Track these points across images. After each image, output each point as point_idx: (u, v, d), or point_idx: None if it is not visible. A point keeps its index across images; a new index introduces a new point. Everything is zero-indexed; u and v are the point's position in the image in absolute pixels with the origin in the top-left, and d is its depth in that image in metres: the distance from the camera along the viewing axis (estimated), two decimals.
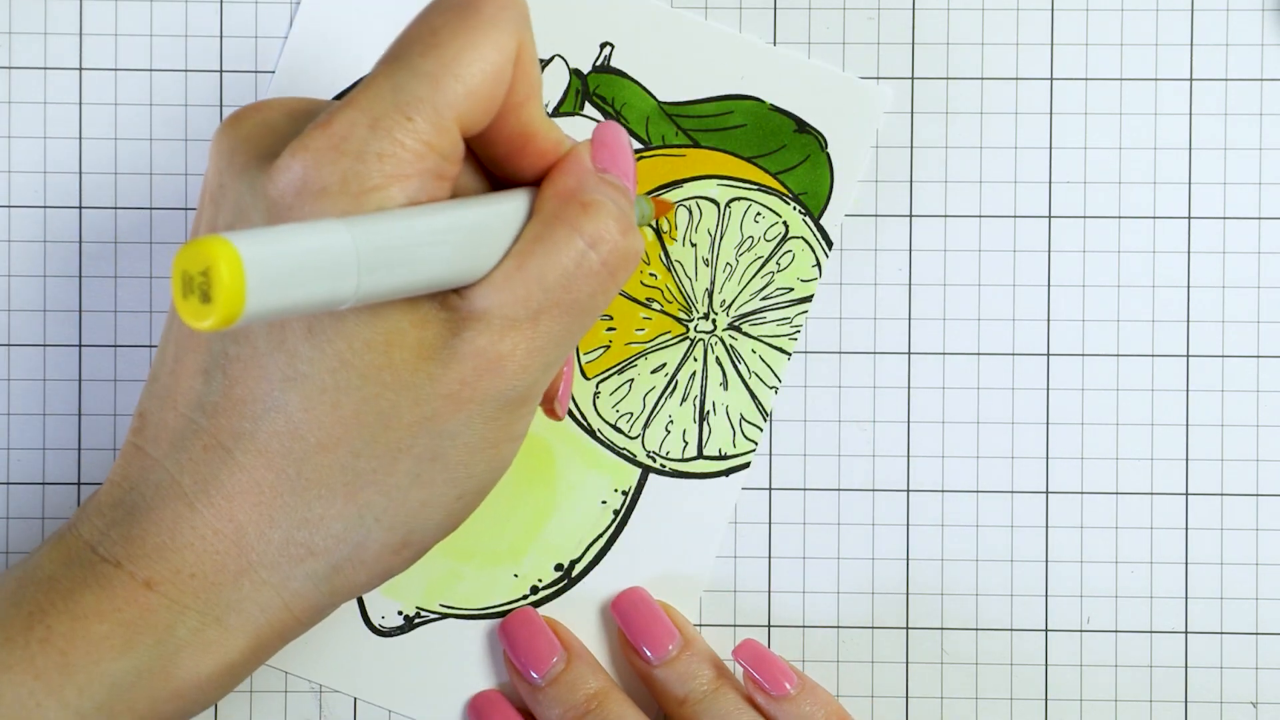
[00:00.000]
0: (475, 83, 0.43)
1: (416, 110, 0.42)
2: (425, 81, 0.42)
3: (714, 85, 0.55)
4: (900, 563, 0.55)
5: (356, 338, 0.42)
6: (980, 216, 0.55)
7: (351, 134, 0.41)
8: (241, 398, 0.43)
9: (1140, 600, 0.55)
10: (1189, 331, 0.55)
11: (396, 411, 0.43)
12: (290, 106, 0.45)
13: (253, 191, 0.42)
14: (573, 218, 0.44)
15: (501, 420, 0.44)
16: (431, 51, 0.43)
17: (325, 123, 0.42)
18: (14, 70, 0.55)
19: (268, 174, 0.42)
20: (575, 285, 0.44)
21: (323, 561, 0.44)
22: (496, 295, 0.43)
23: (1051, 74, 0.55)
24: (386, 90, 0.42)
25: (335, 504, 0.43)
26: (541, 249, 0.43)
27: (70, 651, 0.43)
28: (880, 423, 0.55)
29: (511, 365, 0.43)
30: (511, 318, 0.43)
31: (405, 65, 0.42)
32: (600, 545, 0.55)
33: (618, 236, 0.44)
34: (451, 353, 0.43)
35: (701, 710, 0.52)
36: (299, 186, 0.41)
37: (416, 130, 0.42)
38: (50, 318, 0.55)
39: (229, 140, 0.44)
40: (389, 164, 0.41)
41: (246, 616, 0.44)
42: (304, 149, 0.41)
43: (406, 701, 0.54)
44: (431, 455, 0.43)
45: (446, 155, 0.42)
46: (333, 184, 0.41)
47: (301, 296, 0.36)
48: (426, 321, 0.42)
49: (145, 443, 0.45)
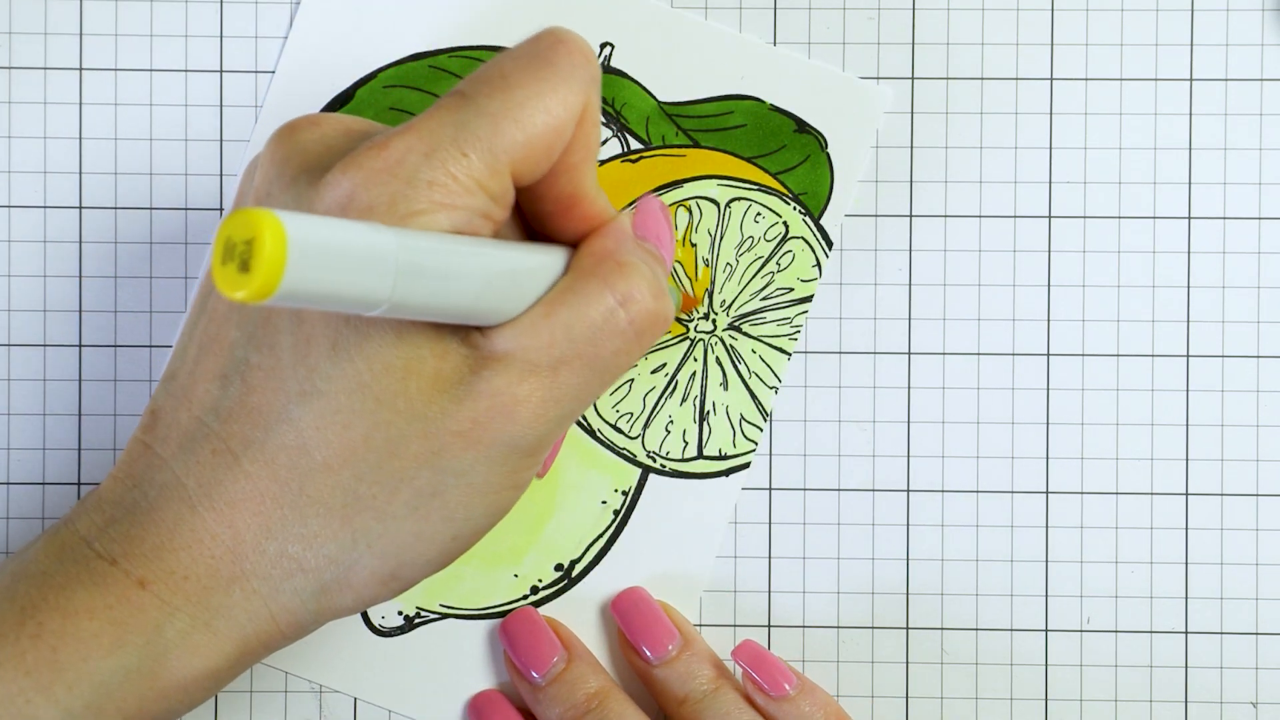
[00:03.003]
0: (535, 132, 0.43)
1: (473, 147, 0.42)
2: (487, 121, 0.42)
3: (714, 85, 0.55)
4: (900, 563, 0.55)
5: (377, 360, 0.42)
6: (980, 216, 0.55)
7: (406, 159, 0.41)
8: (256, 406, 0.43)
9: (1140, 600, 0.55)
10: (1189, 331, 0.55)
11: (405, 441, 0.43)
12: (348, 125, 0.45)
13: (298, 203, 0.42)
14: (606, 274, 0.44)
15: (507, 466, 0.44)
16: (498, 94, 0.43)
17: (381, 144, 0.42)
18: (14, 70, 0.55)
19: (316, 188, 0.42)
20: (601, 341, 0.44)
21: (312, 579, 0.44)
22: (521, 339, 0.43)
23: (1051, 74, 0.55)
24: (448, 123, 0.42)
25: (331, 524, 0.44)
26: (572, 300, 0.44)
27: (61, 648, 0.43)
28: (880, 423, 0.55)
29: (525, 411, 0.43)
30: (533, 363, 0.43)
31: (471, 102, 0.43)
32: (600, 545, 0.55)
33: (649, 299, 0.45)
34: (468, 390, 0.43)
35: (701, 710, 0.52)
36: (345, 203, 0.41)
37: (470, 166, 0.42)
38: (50, 318, 0.55)
39: (283, 150, 0.44)
40: (438, 192, 0.41)
41: (234, 623, 0.44)
42: (357, 167, 0.42)
43: (406, 701, 0.55)
44: (433, 490, 0.43)
45: (496, 197, 0.43)
46: (380, 204, 0.41)
47: (337, 286, 0.36)
48: (447, 354, 0.43)
49: (154, 441, 0.45)
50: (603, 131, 0.55)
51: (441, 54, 0.55)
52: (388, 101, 0.55)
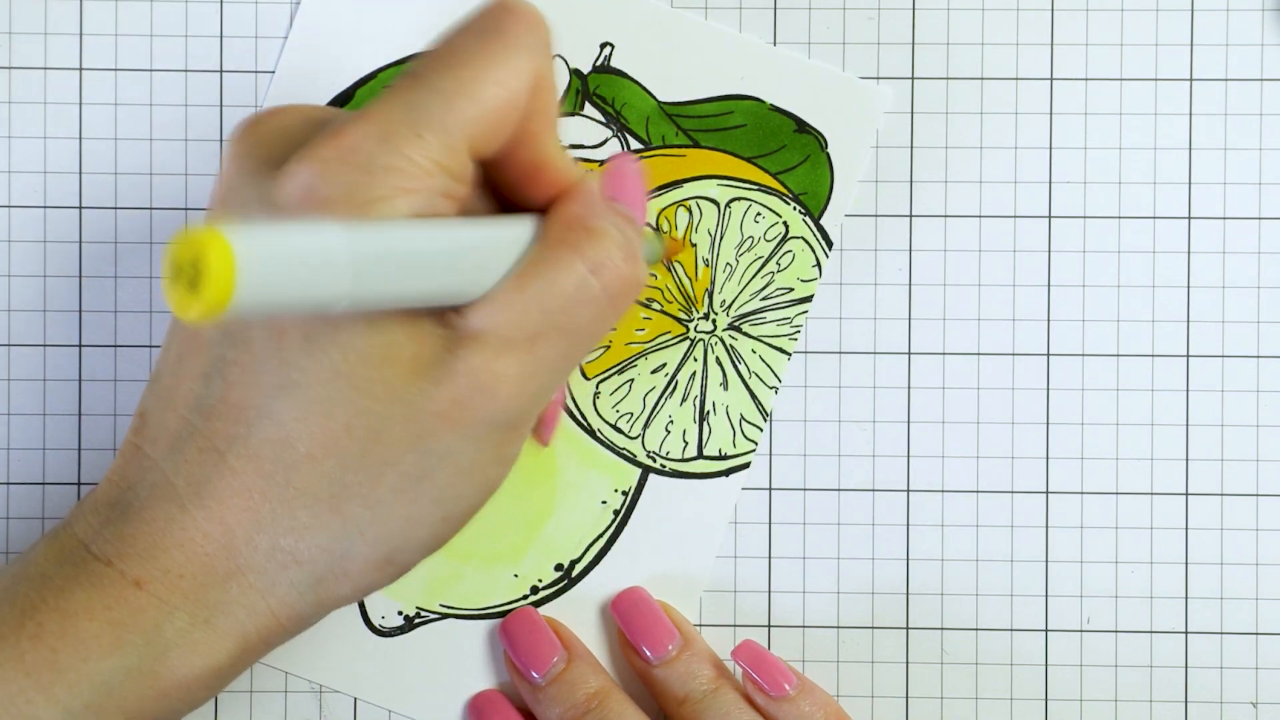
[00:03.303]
0: (489, 106, 0.42)
1: (428, 128, 0.42)
2: (439, 99, 0.42)
3: (714, 85, 0.55)
4: (900, 563, 0.55)
5: (352, 349, 0.42)
6: (980, 216, 0.55)
7: (361, 146, 0.41)
8: (237, 402, 0.43)
9: (1140, 600, 0.55)
10: (1189, 331, 0.55)
11: (387, 426, 0.43)
12: (308, 114, 0.45)
13: (260, 196, 0.42)
14: (576, 242, 0.44)
15: (492, 443, 0.44)
16: (449, 70, 0.42)
17: (336, 133, 0.42)
18: (14, 70, 0.55)
19: (275, 180, 0.42)
20: (575, 310, 0.44)
21: (307, 570, 0.44)
22: (494, 315, 0.43)
23: (1051, 74, 0.55)
24: (401, 105, 0.42)
25: (321, 514, 0.43)
26: (543, 272, 0.43)
27: (61, 649, 0.43)
28: (880, 423, 0.55)
29: (505, 387, 0.43)
30: (508, 339, 0.43)
31: (423, 82, 0.42)
32: (600, 545, 0.55)
33: (620, 264, 0.44)
34: (446, 370, 0.42)
35: (701, 710, 0.52)
36: (304, 194, 0.41)
37: (426, 147, 0.42)
38: (50, 318, 0.55)
39: (244, 143, 0.44)
40: (396, 178, 0.41)
41: (233, 620, 0.44)
42: (312, 157, 0.41)
43: (406, 701, 0.55)
44: (419, 473, 0.43)
45: (455, 175, 0.42)
46: (338, 194, 0.41)
47: (292, 294, 0.36)
48: (423, 337, 0.42)
49: (144, 442, 0.45)
50: (603, 131, 0.55)
51: None
52: None
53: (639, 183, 0.48)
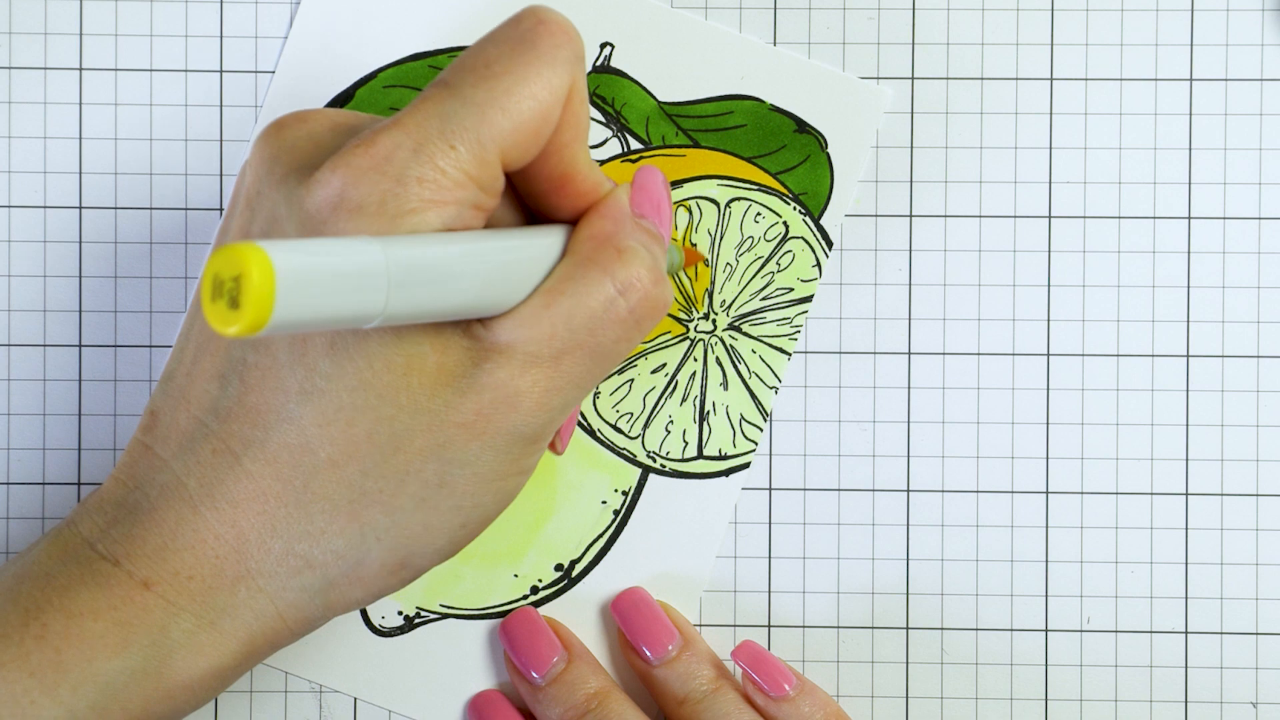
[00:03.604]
0: (522, 118, 0.42)
1: (460, 139, 0.42)
2: (473, 111, 0.42)
3: (714, 85, 0.55)
4: (900, 563, 0.55)
5: (377, 358, 0.42)
6: (980, 216, 0.55)
7: (394, 155, 0.41)
8: (255, 406, 0.43)
9: (1140, 600, 0.55)
10: (1189, 331, 0.55)
11: (409, 435, 0.43)
12: (336, 120, 0.45)
13: (289, 202, 0.42)
14: (606, 262, 0.44)
15: (512, 454, 0.44)
16: (483, 82, 0.42)
17: (369, 141, 0.42)
18: (14, 70, 0.55)
19: (306, 186, 0.42)
20: (601, 330, 0.44)
21: (320, 575, 0.44)
22: (522, 330, 0.43)
23: (1051, 74, 0.55)
24: (434, 116, 0.42)
25: (338, 520, 0.44)
26: (571, 289, 0.43)
27: (65, 649, 0.43)
28: (880, 423, 0.55)
29: (528, 402, 0.43)
30: (534, 355, 0.43)
31: (456, 93, 0.42)
32: (600, 545, 0.55)
33: (649, 285, 0.44)
34: (470, 382, 0.43)
35: (701, 710, 0.52)
36: (336, 202, 0.41)
37: (459, 159, 0.42)
38: (50, 318, 0.55)
39: (271, 147, 0.44)
40: (428, 189, 0.41)
41: (240, 622, 0.44)
42: (345, 165, 0.41)
43: (406, 701, 0.55)
44: (439, 481, 0.43)
45: (485, 187, 0.42)
46: (370, 203, 0.41)
47: (329, 311, 0.36)
48: (449, 348, 0.42)
49: (154, 442, 0.45)
50: (603, 131, 0.55)
51: (441, 54, 0.55)
52: (388, 101, 0.55)
53: (665, 197, 0.48)
